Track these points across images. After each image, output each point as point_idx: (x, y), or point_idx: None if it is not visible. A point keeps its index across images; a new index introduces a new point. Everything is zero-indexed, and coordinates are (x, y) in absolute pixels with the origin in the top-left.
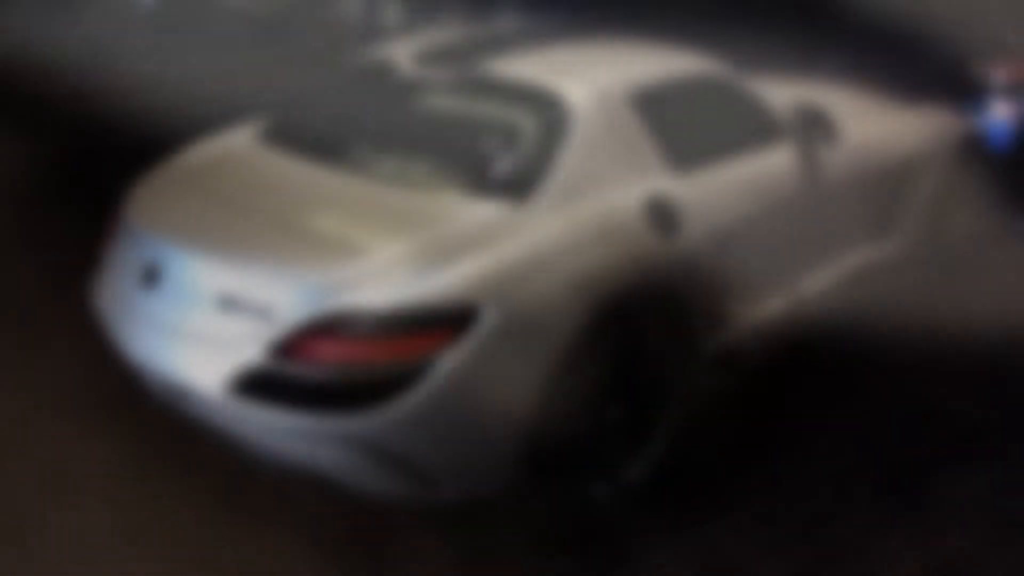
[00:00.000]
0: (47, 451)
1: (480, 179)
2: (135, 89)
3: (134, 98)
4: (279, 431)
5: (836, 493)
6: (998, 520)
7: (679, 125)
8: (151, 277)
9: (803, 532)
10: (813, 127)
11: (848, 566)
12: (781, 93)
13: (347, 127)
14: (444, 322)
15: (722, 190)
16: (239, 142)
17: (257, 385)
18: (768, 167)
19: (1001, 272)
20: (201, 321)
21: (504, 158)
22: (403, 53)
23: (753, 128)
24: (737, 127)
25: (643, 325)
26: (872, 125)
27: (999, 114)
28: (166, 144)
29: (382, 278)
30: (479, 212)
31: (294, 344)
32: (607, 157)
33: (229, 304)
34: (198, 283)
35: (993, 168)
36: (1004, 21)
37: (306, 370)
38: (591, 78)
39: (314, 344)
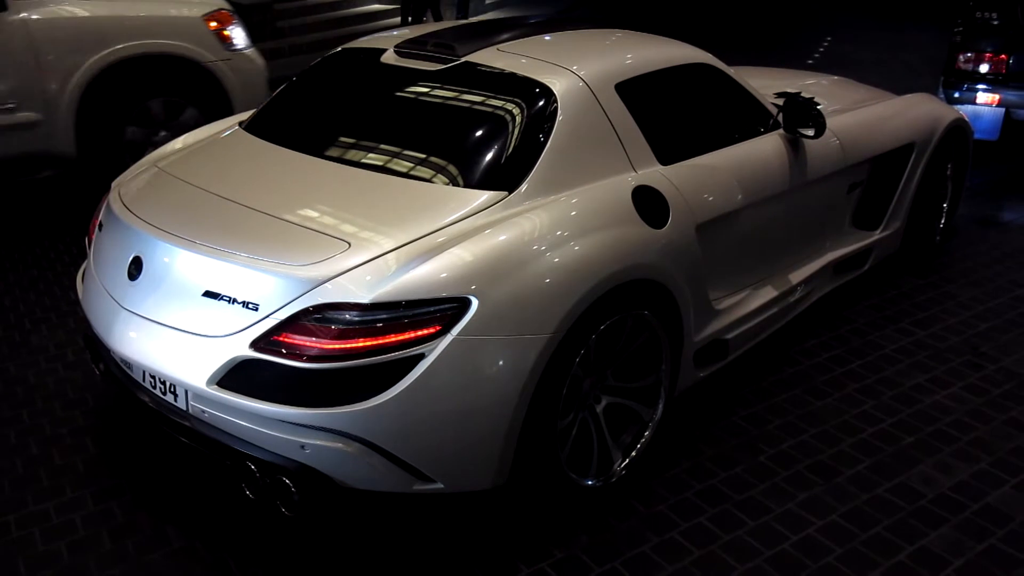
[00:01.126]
0: (33, 446)
1: (467, 169)
2: None
3: None
4: (266, 425)
5: (822, 482)
6: (979, 509)
7: (667, 115)
8: (135, 269)
9: (791, 521)
10: (801, 117)
11: (834, 555)
12: (770, 83)
13: (333, 117)
14: (432, 314)
15: (710, 180)
16: (225, 133)
17: (244, 378)
18: (756, 157)
19: (983, 259)
20: (186, 314)
21: (491, 148)
22: (390, 43)
23: (741, 118)
24: (725, 117)
25: (632, 315)
26: (860, 114)
27: (984, 102)
28: None
29: (369, 270)
30: (466, 203)
31: (281, 337)
32: (594, 147)
33: (214, 297)
34: (183, 276)
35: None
36: None
37: (293, 363)
38: (578, 68)
39: (301, 337)
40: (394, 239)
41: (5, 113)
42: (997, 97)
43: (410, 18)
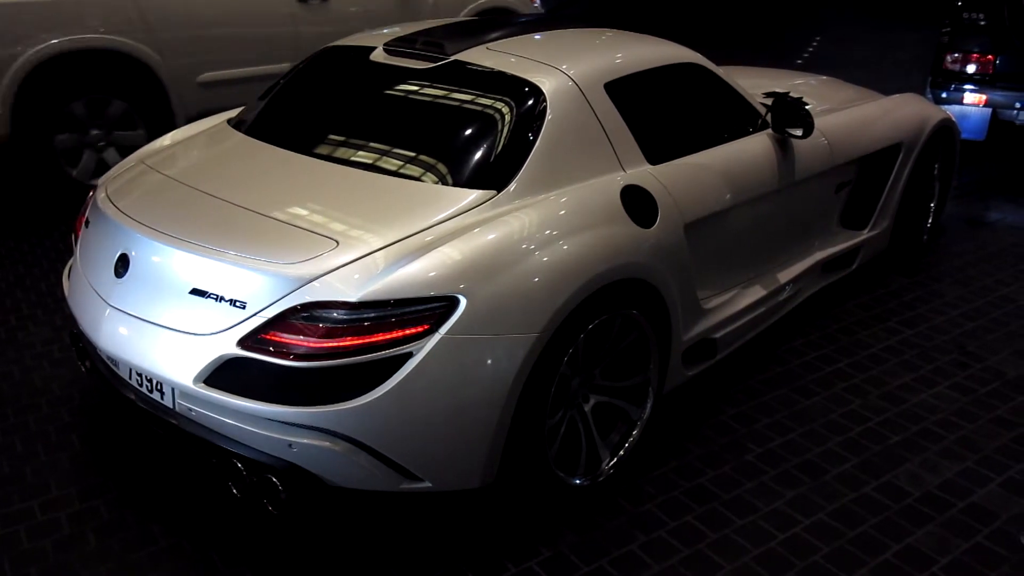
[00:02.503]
0: (18, 443)
1: (456, 168)
2: None
3: None
4: (253, 423)
5: (810, 481)
6: (965, 507)
7: (656, 114)
8: (122, 267)
9: (778, 520)
10: (789, 117)
11: (821, 554)
12: (759, 83)
13: (321, 115)
14: (420, 313)
15: (699, 179)
16: (213, 130)
17: (231, 376)
18: (745, 156)
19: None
20: (173, 312)
21: (480, 147)
22: (379, 41)
23: (730, 118)
24: (714, 117)
25: (620, 314)
26: (848, 114)
27: (971, 103)
28: None
29: (357, 269)
30: (455, 201)
31: (268, 335)
32: (583, 146)
33: (202, 295)
34: (170, 273)
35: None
36: None
37: (280, 361)
38: (567, 67)
39: (288, 335)
40: (382, 237)
41: None
42: (984, 97)
43: None
